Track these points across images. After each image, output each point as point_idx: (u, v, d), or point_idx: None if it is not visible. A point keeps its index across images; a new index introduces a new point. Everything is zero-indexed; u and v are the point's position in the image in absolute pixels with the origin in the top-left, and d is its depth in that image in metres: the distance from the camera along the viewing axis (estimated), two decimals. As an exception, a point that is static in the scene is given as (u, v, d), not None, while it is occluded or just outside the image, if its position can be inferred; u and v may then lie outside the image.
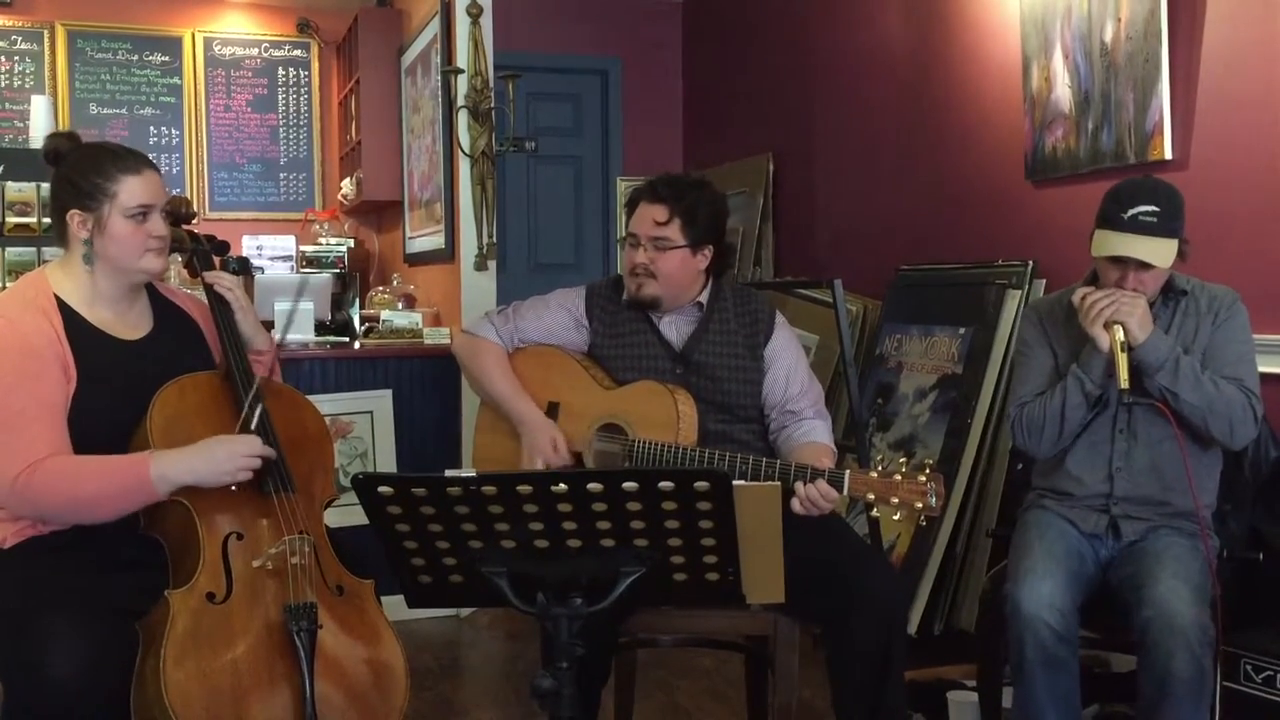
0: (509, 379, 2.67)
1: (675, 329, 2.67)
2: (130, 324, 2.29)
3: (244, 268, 3.18)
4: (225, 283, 2.38)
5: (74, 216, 2.18)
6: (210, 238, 2.51)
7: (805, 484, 2.29)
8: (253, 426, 2.15)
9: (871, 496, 2.23)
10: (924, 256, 4.26)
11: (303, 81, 6.62)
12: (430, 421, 4.32)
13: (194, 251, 2.44)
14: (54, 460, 2.06)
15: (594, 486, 1.61)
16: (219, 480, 2.09)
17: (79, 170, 2.18)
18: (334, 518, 2.35)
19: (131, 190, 2.17)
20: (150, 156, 2.27)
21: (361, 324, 4.87)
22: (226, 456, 2.09)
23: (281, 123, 6.60)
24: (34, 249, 5.32)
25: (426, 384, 4.31)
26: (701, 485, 1.62)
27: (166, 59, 6.36)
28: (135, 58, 6.31)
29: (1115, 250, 2.43)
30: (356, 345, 4.54)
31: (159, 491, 2.07)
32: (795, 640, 2.43)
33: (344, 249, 6.14)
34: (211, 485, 2.09)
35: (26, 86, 6.09)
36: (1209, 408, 2.43)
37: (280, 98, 6.59)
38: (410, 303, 5.24)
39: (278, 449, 2.20)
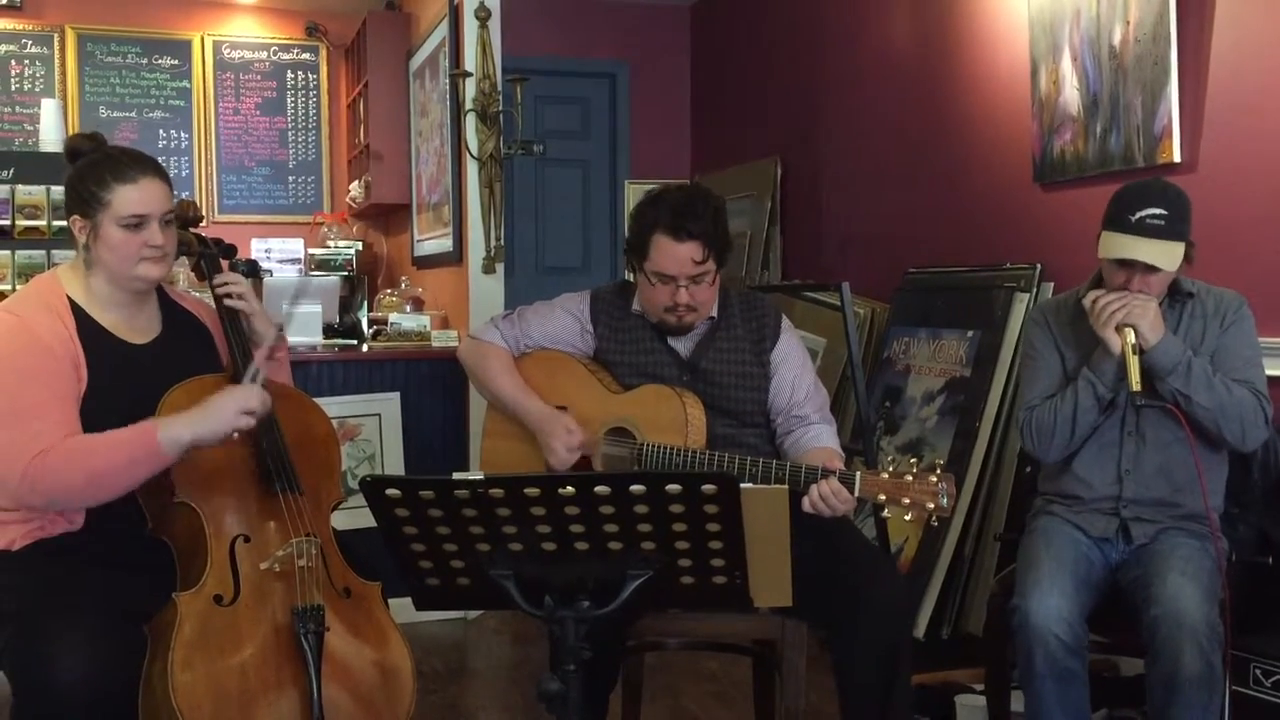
0: (515, 380, 2.66)
1: (682, 336, 2.66)
2: (139, 328, 2.30)
3: (253, 271, 3.19)
4: (235, 289, 2.38)
5: (75, 221, 2.21)
6: (218, 241, 2.53)
7: (816, 483, 2.28)
8: (253, 380, 2.15)
9: (883, 497, 2.22)
10: (932, 259, 4.26)
11: (311, 85, 6.64)
12: (438, 424, 4.32)
13: (202, 254, 2.46)
14: (61, 444, 2.07)
15: (601, 489, 1.61)
16: (222, 428, 2.08)
17: (80, 177, 2.20)
18: (341, 520, 2.35)
19: (125, 200, 2.17)
20: (160, 160, 2.27)
21: (369, 327, 4.88)
22: (226, 403, 2.09)
23: (290, 126, 6.62)
24: (44, 252, 5.34)
25: (434, 387, 4.31)
26: (709, 488, 1.62)
27: (176, 62, 6.38)
28: (145, 61, 6.33)
29: (1121, 253, 2.42)
30: (364, 348, 4.55)
31: (168, 454, 2.07)
32: (803, 644, 2.42)
33: (352, 252, 6.15)
34: (217, 436, 2.09)
35: (36, 90, 6.11)
36: (1221, 410, 2.42)
37: (289, 101, 6.61)
38: (418, 305, 5.25)
39: (285, 449, 2.21)
